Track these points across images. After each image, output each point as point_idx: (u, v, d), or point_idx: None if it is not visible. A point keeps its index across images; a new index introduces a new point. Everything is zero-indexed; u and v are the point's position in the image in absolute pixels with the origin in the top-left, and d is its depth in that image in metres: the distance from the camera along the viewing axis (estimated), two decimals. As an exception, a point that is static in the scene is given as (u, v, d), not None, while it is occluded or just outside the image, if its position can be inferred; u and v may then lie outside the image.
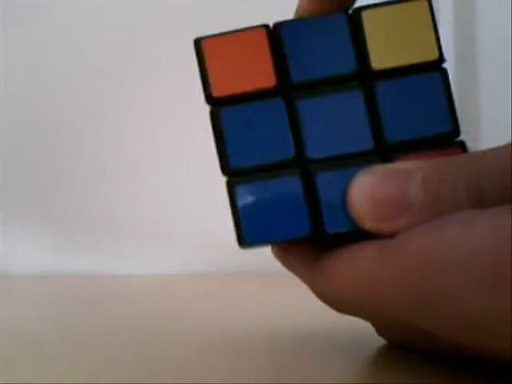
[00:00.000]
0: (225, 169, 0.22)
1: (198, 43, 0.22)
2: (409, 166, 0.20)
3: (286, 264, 0.24)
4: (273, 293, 0.42)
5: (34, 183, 0.55)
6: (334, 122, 0.22)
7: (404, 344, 0.24)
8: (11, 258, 0.54)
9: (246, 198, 0.22)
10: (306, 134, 0.22)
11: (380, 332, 0.25)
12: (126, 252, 0.54)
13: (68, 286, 0.48)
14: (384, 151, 0.22)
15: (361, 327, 0.25)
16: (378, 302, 0.20)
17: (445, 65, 0.22)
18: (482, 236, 0.17)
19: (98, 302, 0.40)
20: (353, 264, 0.20)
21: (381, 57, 0.22)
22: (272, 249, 0.24)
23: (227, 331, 0.30)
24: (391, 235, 0.20)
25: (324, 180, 0.21)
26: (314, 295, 0.23)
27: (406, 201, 0.20)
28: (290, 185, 0.22)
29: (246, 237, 0.22)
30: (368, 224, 0.20)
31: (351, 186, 0.21)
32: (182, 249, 0.54)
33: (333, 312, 0.23)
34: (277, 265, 0.24)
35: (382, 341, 0.25)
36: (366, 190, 0.20)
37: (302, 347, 0.26)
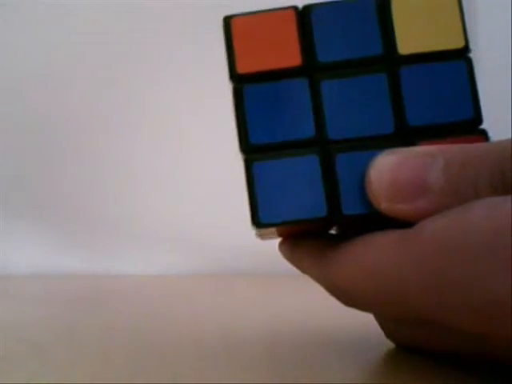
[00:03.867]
0: (243, 146, 0.22)
1: (227, 21, 0.22)
2: (431, 150, 0.20)
3: (295, 260, 0.24)
4: (272, 293, 0.42)
5: (33, 184, 0.55)
6: (357, 104, 0.22)
7: (412, 345, 0.23)
8: (10, 258, 0.54)
9: (263, 176, 0.21)
10: (328, 114, 0.22)
11: (388, 335, 0.24)
12: (125, 252, 0.54)
13: (67, 286, 0.48)
14: (405, 135, 0.22)
15: (362, 329, 0.25)
16: (394, 290, 0.19)
17: None
18: (504, 218, 0.17)
19: (97, 302, 0.40)
20: (371, 251, 0.20)
21: (407, 42, 0.22)
22: (280, 246, 0.24)
23: (226, 331, 0.29)
24: (404, 219, 0.19)
25: (343, 160, 0.21)
26: (313, 296, 0.23)
27: (425, 184, 0.19)
28: (309, 163, 0.22)
29: (261, 216, 0.21)
30: (383, 204, 0.20)
31: (371, 166, 0.20)
32: (181, 249, 0.54)
33: (334, 312, 0.23)
34: (277, 265, 0.24)
35: (389, 343, 0.25)
36: (386, 171, 0.20)
37: (302, 348, 0.26)
